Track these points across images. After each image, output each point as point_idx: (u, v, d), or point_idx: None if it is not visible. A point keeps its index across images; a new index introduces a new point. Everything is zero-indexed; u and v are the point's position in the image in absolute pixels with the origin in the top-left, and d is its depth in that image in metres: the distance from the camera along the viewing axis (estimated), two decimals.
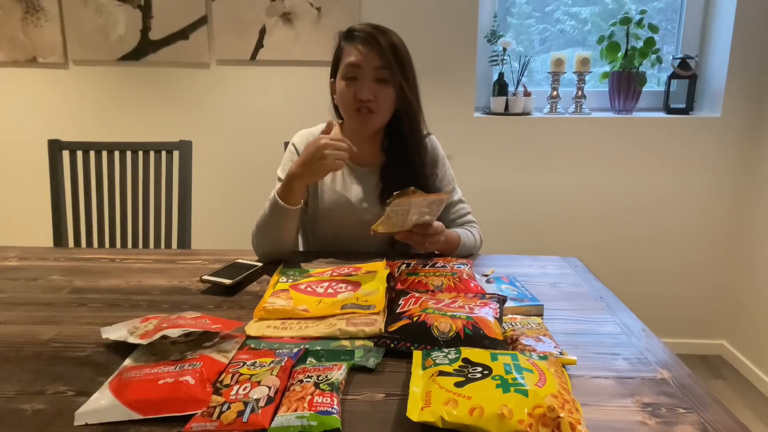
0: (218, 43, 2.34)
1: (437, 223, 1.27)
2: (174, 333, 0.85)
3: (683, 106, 2.41)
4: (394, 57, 1.30)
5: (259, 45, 2.34)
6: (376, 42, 1.29)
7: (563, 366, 0.81)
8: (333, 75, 1.38)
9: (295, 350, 0.86)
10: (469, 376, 0.73)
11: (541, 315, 1.03)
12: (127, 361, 0.85)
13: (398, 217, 1.17)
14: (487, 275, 1.21)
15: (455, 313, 0.92)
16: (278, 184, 1.39)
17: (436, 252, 1.36)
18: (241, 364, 0.81)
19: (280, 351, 0.86)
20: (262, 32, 2.33)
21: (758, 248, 2.34)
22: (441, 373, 0.75)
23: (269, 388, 0.74)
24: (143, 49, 2.36)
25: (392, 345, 0.89)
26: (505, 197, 2.45)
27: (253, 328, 0.96)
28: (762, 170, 2.31)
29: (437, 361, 0.78)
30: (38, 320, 1.02)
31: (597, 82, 2.54)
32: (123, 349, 0.88)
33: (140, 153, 1.80)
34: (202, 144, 2.25)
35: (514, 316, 0.99)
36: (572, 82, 2.45)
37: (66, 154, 1.81)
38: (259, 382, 0.75)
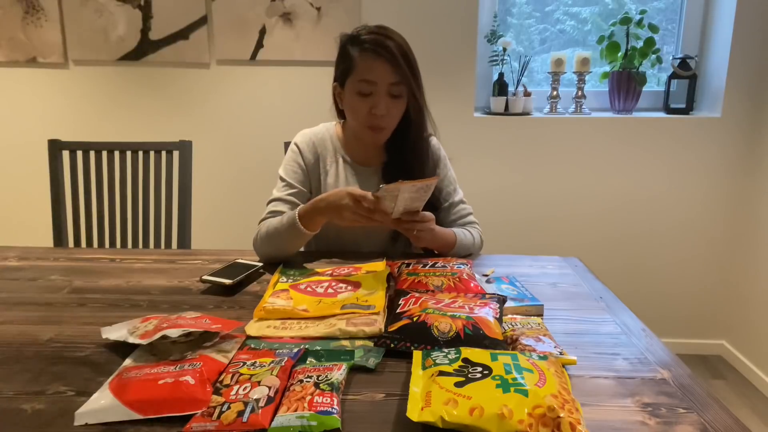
0: (218, 43, 2.34)
1: (427, 213, 1.26)
2: (174, 333, 0.85)
3: (683, 106, 2.41)
4: (408, 66, 1.28)
5: (259, 45, 2.34)
6: (389, 53, 1.26)
7: (563, 366, 0.81)
8: (337, 79, 1.37)
9: (295, 350, 0.86)
10: (469, 376, 0.73)
11: (541, 315, 1.03)
12: (127, 361, 0.85)
13: (388, 203, 1.18)
14: (487, 275, 1.21)
15: (455, 313, 0.92)
16: (279, 184, 1.40)
17: (435, 251, 1.36)
18: (241, 364, 0.81)
19: (280, 351, 0.86)
20: (262, 32, 2.33)
21: (758, 248, 2.34)
22: (441, 373, 0.75)
23: (269, 388, 0.74)
24: (143, 49, 2.36)
25: (392, 345, 0.89)
26: (505, 197, 2.45)
27: (253, 328, 0.96)
28: (762, 170, 2.31)
29: (437, 361, 0.78)
30: (38, 320, 1.02)
31: (597, 82, 2.54)
32: (123, 349, 0.88)
33: (140, 153, 1.80)
34: (202, 144, 2.25)
35: (514, 316, 0.99)
36: (572, 82, 2.45)
37: (66, 154, 1.81)
38: (259, 382, 0.75)
